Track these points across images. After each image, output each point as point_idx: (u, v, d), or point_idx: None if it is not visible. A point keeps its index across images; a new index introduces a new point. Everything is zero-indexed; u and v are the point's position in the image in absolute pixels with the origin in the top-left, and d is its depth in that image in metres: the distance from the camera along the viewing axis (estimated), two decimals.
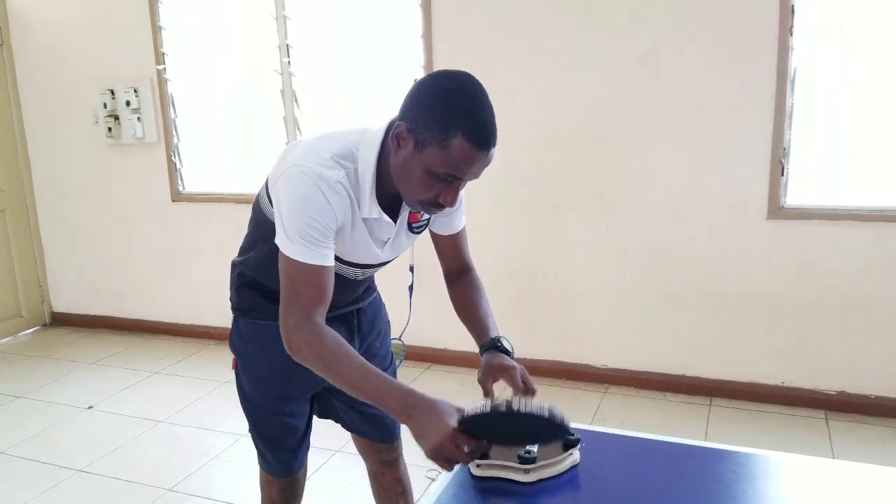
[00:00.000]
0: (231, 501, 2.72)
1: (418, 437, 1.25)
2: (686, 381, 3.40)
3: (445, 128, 1.24)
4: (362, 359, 1.35)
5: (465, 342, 3.49)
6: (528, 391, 1.43)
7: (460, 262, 1.69)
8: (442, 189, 1.31)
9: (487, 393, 1.47)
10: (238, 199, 4.07)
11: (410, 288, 2.00)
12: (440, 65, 3.48)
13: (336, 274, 1.48)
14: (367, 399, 1.31)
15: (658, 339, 3.43)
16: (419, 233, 1.57)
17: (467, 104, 1.26)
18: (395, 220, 1.46)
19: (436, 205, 1.35)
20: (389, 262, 1.58)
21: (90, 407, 3.55)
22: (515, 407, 1.21)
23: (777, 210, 3.12)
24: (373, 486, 1.97)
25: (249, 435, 1.81)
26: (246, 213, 1.69)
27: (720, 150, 3.16)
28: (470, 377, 3.56)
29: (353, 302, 1.70)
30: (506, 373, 1.45)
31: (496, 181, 3.43)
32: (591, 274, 3.49)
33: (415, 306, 1.97)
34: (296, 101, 3.85)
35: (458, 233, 1.65)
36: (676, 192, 3.27)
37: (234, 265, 1.69)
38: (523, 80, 3.40)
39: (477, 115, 1.26)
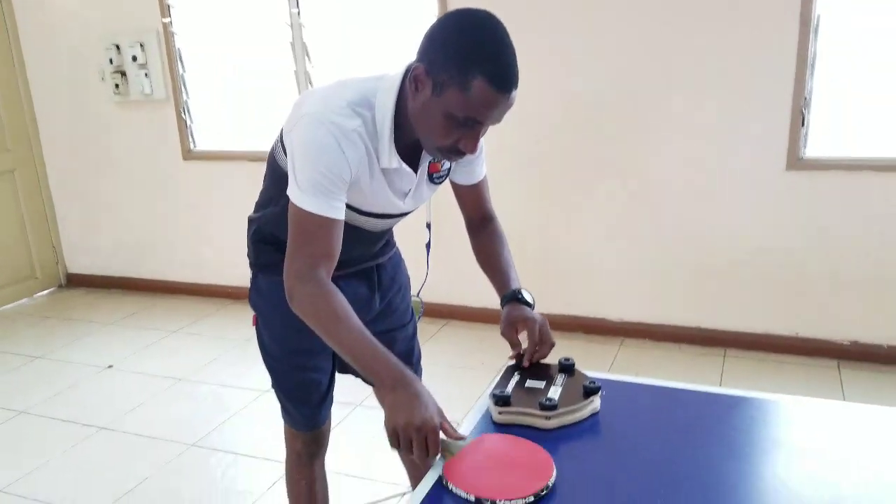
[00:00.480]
0: (254, 455, 2.78)
1: (394, 408, 1.21)
2: (701, 333, 3.42)
3: (465, 69, 1.20)
4: (362, 325, 1.32)
5: (483, 297, 3.53)
6: (545, 343, 1.44)
7: (483, 212, 1.67)
8: (462, 134, 1.27)
9: (514, 345, 1.48)
10: (251, 157, 4.05)
11: (428, 245, 2.00)
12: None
13: (355, 227, 1.47)
14: (358, 364, 1.30)
15: (674, 293, 3.44)
16: (440, 183, 1.54)
17: (488, 44, 1.21)
18: (415, 171, 1.43)
19: (456, 151, 1.31)
20: (409, 213, 1.56)
21: (110, 366, 3.60)
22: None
23: (796, 161, 3.08)
24: None
25: (272, 390, 1.82)
26: (260, 169, 1.67)
27: (740, 101, 3.12)
28: (489, 332, 3.59)
29: (373, 257, 1.69)
30: (525, 324, 1.45)
31: (513, 143, 3.40)
32: (609, 231, 3.48)
33: (432, 263, 1.97)
34: (307, 53, 3.79)
35: (479, 182, 1.63)
36: (695, 145, 3.23)
37: (251, 221, 1.68)
38: (543, 37, 3.33)
39: (498, 55, 1.22)
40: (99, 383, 3.44)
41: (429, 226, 2.02)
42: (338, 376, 1.82)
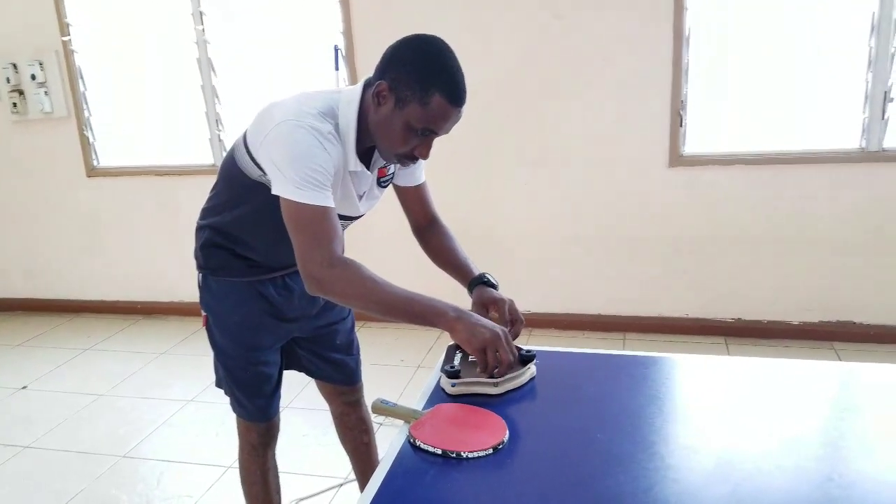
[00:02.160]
0: (187, 461, 2.82)
1: (471, 331, 1.37)
2: (602, 320, 3.71)
3: (425, 87, 1.38)
4: (396, 285, 1.42)
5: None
6: (517, 322, 1.59)
7: (427, 213, 1.82)
8: (418, 143, 1.46)
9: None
10: (159, 172, 4.05)
11: None
12: (359, 30, 3.57)
13: None
14: (413, 315, 1.40)
15: (575, 283, 3.71)
16: (386, 186, 1.70)
17: (444, 65, 1.41)
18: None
19: (411, 157, 1.50)
20: (360, 217, 1.71)
21: (24, 387, 3.52)
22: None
23: (677, 158, 3.43)
24: (337, 427, 2.12)
25: (222, 388, 1.89)
26: (167, 184, 1.75)
27: (625, 104, 3.43)
28: (402, 331, 3.75)
29: None
30: (495, 304, 1.59)
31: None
32: (508, 225, 3.71)
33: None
34: (213, 69, 3.85)
35: (421, 184, 1.79)
36: (586, 145, 3.52)
37: (202, 228, 1.75)
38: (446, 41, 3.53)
39: (453, 75, 1.41)
40: (15, 404, 3.36)
41: None
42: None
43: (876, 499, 1.13)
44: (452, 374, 1.48)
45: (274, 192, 1.43)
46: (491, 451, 1.28)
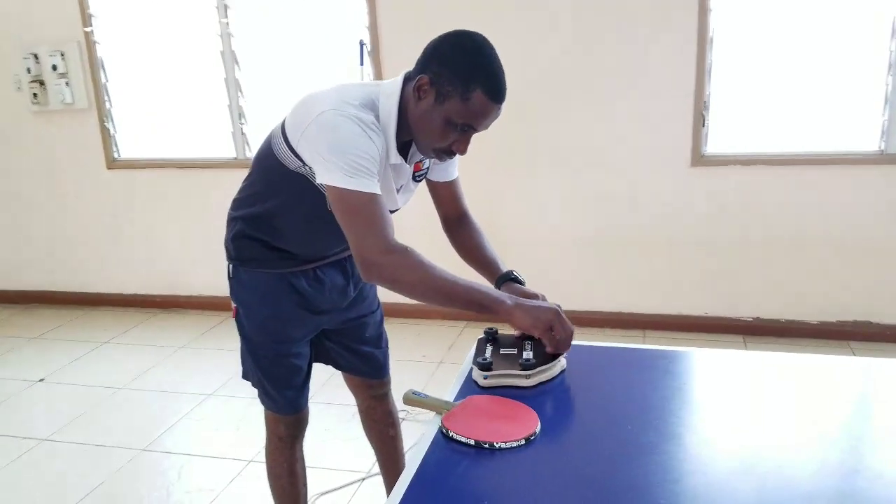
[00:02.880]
0: (208, 455, 2.83)
1: (534, 315, 1.42)
2: (622, 317, 3.71)
3: (467, 82, 1.39)
4: (453, 274, 1.43)
5: None
6: None
7: (458, 208, 1.83)
8: (456, 138, 1.47)
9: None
10: (180, 164, 4.07)
11: None
12: (384, 26, 3.58)
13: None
14: (471, 304, 1.42)
15: (596, 281, 3.71)
16: (420, 181, 1.71)
17: (486, 62, 1.42)
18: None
19: (448, 152, 1.51)
20: (397, 210, 1.70)
21: (41, 380, 3.54)
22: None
23: (699, 158, 3.42)
24: (364, 421, 2.12)
25: (249, 380, 1.89)
26: (190, 178, 1.74)
27: (649, 105, 3.43)
28: (424, 328, 3.77)
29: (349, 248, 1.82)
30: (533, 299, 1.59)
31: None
32: (531, 224, 3.71)
33: None
34: (236, 62, 3.86)
35: (454, 180, 1.80)
36: (611, 148, 3.52)
37: (234, 219, 1.75)
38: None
39: (496, 73, 1.42)
40: (33, 397, 3.38)
41: None
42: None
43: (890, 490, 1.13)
44: (485, 367, 1.49)
45: (320, 181, 1.43)
46: (523, 441, 1.28)
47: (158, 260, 4.33)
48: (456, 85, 1.40)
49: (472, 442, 1.29)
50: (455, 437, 1.31)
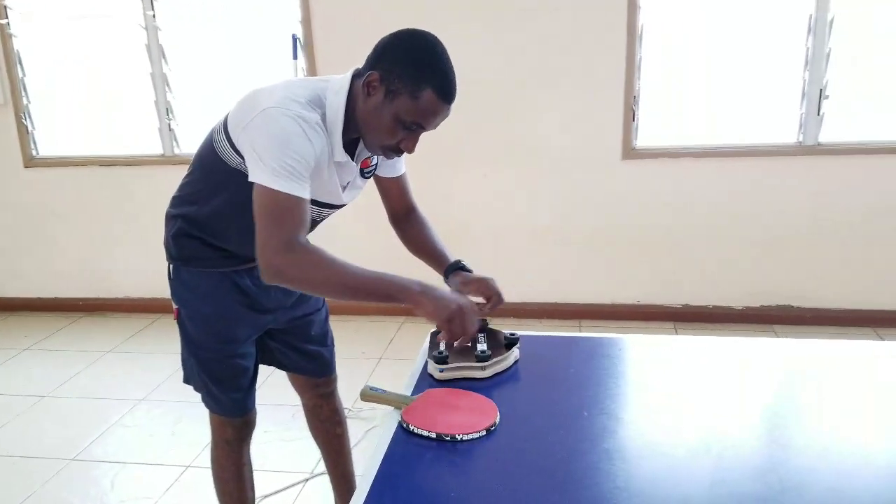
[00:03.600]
0: (142, 462, 2.74)
1: (437, 305, 1.38)
2: (558, 308, 3.78)
3: (417, 80, 1.38)
4: (359, 266, 1.41)
5: None
6: (498, 295, 1.61)
7: (406, 203, 1.82)
8: (405, 136, 1.46)
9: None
10: (103, 162, 3.91)
11: None
12: (318, 21, 3.52)
13: None
14: (378, 294, 1.40)
15: (531, 271, 3.76)
16: (369, 177, 1.69)
17: (438, 61, 1.41)
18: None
19: (396, 150, 1.49)
20: (343, 206, 1.69)
21: None
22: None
23: (630, 151, 3.52)
24: (309, 420, 2.09)
25: (191, 384, 1.84)
26: (114, 175, 1.70)
27: (581, 100, 3.50)
28: (362, 324, 3.74)
29: None
30: (478, 283, 1.62)
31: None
32: (468, 217, 3.73)
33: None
34: (163, 56, 3.74)
35: (401, 175, 1.79)
36: (542, 139, 3.57)
37: (173, 217, 1.70)
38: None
39: (446, 72, 1.42)
40: None
41: None
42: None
43: (819, 460, 1.22)
44: (441, 360, 1.49)
45: (250, 178, 1.40)
46: (484, 432, 1.30)
47: (81, 261, 4.15)
48: (406, 83, 1.39)
49: (433, 435, 1.29)
50: (416, 431, 1.31)
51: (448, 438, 1.29)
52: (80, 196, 4.02)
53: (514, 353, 1.57)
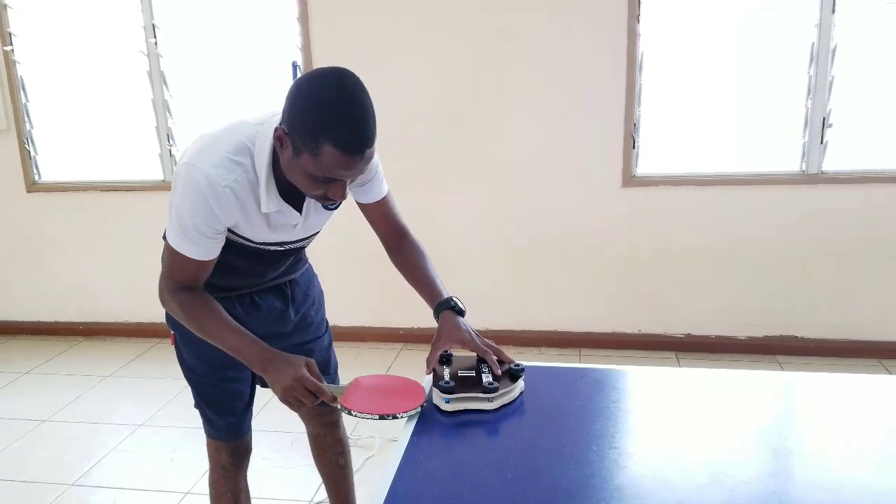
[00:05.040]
0: (141, 488, 2.72)
1: (273, 382, 1.45)
2: (557, 336, 3.76)
3: (314, 137, 1.27)
4: (231, 321, 1.52)
5: (354, 317, 3.64)
6: (498, 354, 1.58)
7: (395, 228, 1.76)
8: (327, 187, 1.36)
9: (431, 359, 1.58)
10: (104, 187, 3.93)
11: None
12: (318, 46, 3.55)
13: (257, 250, 1.58)
14: (233, 353, 1.51)
15: (531, 299, 3.76)
16: (335, 209, 1.58)
17: (335, 111, 1.27)
18: (301, 206, 1.53)
19: (328, 199, 1.40)
20: (312, 237, 1.68)
21: None
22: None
23: (630, 179, 3.52)
24: (313, 449, 2.07)
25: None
26: (115, 200, 1.71)
27: (582, 127, 3.51)
28: (361, 349, 3.72)
29: (284, 274, 1.78)
30: (465, 346, 1.58)
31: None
32: (461, 241, 3.71)
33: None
34: (165, 83, 3.76)
35: (383, 199, 1.71)
36: (542, 165, 3.58)
37: (165, 245, 1.72)
38: (401, 57, 3.56)
39: (346, 122, 1.27)
40: None
41: None
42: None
43: (829, 494, 1.20)
44: (447, 390, 1.48)
45: (167, 218, 1.48)
46: (419, 409, 1.45)
47: (81, 286, 4.15)
48: (306, 140, 1.29)
49: (376, 417, 1.42)
50: (358, 415, 1.41)
51: (390, 418, 1.42)
52: (82, 220, 4.03)
53: (520, 384, 1.56)
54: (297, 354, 1.84)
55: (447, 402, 1.47)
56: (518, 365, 1.58)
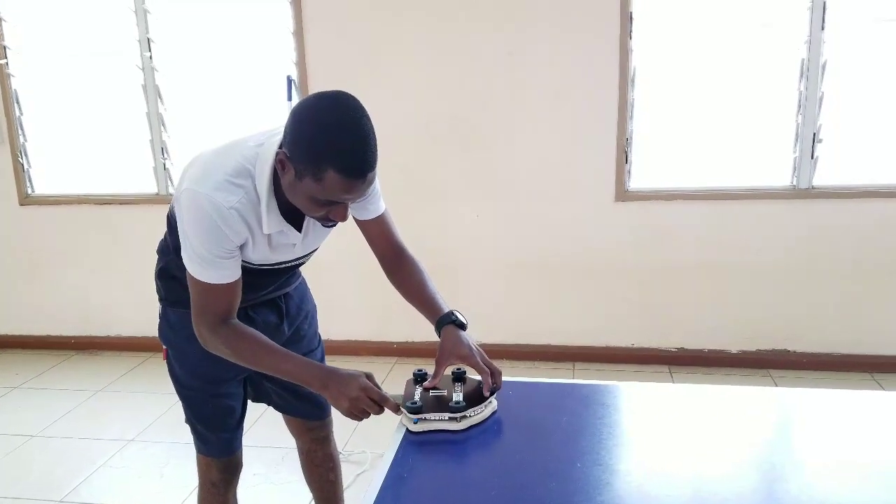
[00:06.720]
0: None
1: (337, 397, 1.45)
2: (551, 350, 3.76)
3: (316, 162, 1.28)
4: (279, 347, 1.53)
5: (347, 330, 3.61)
6: (496, 374, 1.57)
7: (392, 245, 1.75)
8: (329, 209, 1.38)
9: (436, 376, 1.59)
10: (98, 200, 3.92)
11: None
12: (312, 62, 3.57)
13: (255, 271, 1.58)
14: (289, 378, 1.52)
15: (523, 314, 3.76)
16: (332, 226, 1.56)
17: (337, 136, 1.28)
18: (301, 225, 1.53)
19: (328, 220, 1.43)
20: (309, 255, 1.69)
21: None
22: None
23: (623, 193, 3.53)
24: (303, 464, 2.07)
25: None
26: (108, 213, 1.70)
27: (574, 141, 3.52)
28: (354, 364, 3.68)
29: (279, 287, 1.78)
30: (466, 361, 1.58)
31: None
32: (457, 256, 3.72)
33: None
34: (159, 96, 3.77)
35: (381, 216, 1.72)
36: (535, 180, 3.59)
37: (158, 259, 1.72)
38: (396, 72, 3.57)
39: (347, 146, 1.29)
40: None
41: None
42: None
43: None
44: (414, 410, 1.47)
45: (182, 254, 1.47)
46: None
47: (73, 299, 4.13)
48: (308, 164, 1.30)
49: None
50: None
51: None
52: (74, 234, 4.02)
53: (492, 404, 1.53)
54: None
55: (415, 422, 1.46)
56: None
